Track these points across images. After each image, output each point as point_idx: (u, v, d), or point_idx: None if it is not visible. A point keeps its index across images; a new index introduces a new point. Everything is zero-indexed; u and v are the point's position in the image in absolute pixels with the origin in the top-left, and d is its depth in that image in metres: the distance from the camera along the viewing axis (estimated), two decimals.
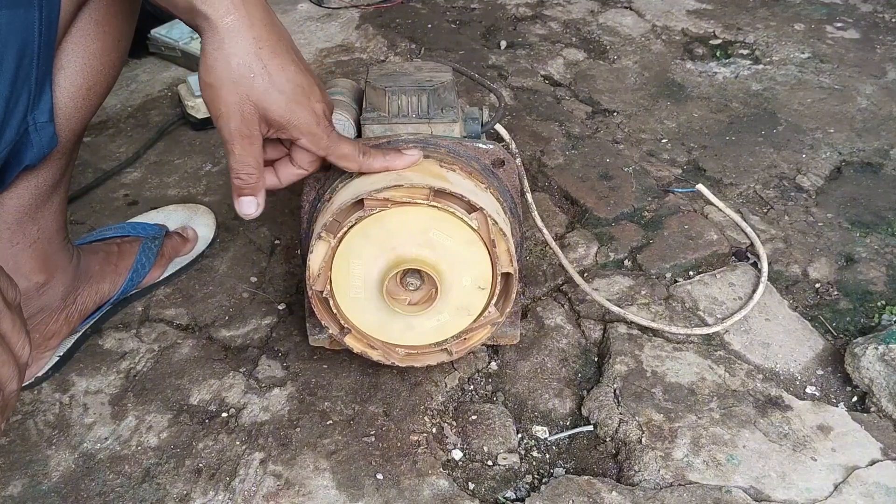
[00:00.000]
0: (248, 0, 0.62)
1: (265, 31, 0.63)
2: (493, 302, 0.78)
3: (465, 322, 0.79)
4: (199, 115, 1.30)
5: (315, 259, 0.74)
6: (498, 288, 0.77)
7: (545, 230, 0.95)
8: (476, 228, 0.73)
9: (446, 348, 0.80)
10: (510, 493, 0.78)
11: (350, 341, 0.79)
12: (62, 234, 0.85)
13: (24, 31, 0.64)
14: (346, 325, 0.78)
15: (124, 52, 0.81)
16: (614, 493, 0.76)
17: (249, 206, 0.70)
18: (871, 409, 0.85)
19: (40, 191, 0.79)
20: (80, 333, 0.92)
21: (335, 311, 0.77)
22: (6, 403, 0.47)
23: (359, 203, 0.72)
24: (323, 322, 0.78)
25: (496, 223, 0.72)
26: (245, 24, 0.62)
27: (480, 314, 0.79)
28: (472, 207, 0.73)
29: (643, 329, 0.94)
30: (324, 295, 0.76)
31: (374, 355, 0.80)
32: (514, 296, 0.78)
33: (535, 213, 0.95)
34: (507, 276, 0.77)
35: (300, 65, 0.66)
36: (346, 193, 0.74)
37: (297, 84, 0.66)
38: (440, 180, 0.73)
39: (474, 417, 0.85)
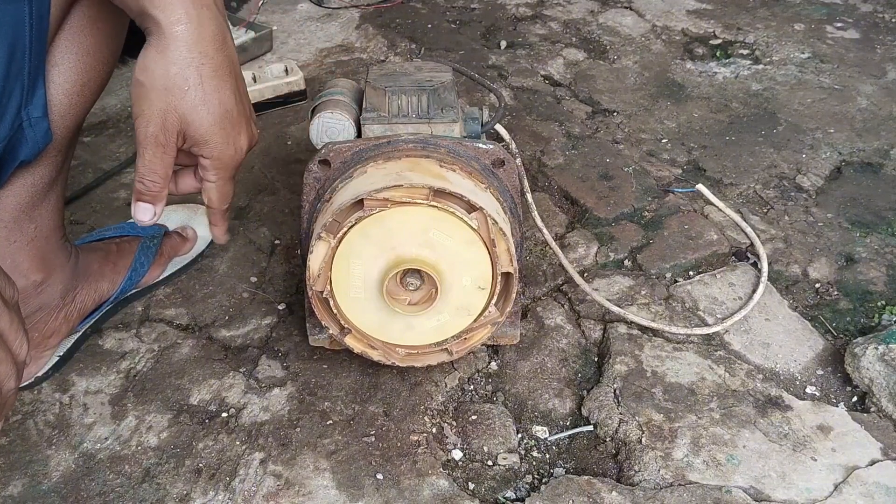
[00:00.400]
0: (204, 15, 0.61)
1: (213, 48, 0.62)
2: (494, 302, 0.78)
3: (465, 322, 0.79)
4: None
5: (315, 259, 0.74)
6: (498, 288, 0.77)
7: (545, 230, 0.95)
8: (476, 228, 0.73)
9: (447, 348, 0.80)
10: (510, 493, 0.78)
11: (350, 341, 0.79)
12: (60, 232, 0.85)
13: (15, 25, 0.64)
14: (346, 325, 0.78)
15: (118, 48, 0.81)
16: (614, 493, 0.76)
17: (146, 214, 0.68)
18: (871, 409, 0.85)
19: (37, 188, 0.79)
20: (80, 333, 0.91)
21: (335, 311, 0.77)
22: (5, 401, 0.47)
23: (359, 203, 0.72)
24: (323, 322, 0.78)
25: (496, 223, 0.72)
26: (194, 37, 0.61)
27: (480, 314, 0.79)
28: (471, 207, 0.73)
29: (643, 329, 0.94)
30: (324, 295, 0.76)
31: (375, 355, 0.80)
32: (514, 295, 0.78)
33: (535, 213, 0.95)
34: (507, 275, 0.77)
35: (238, 93, 0.66)
36: (345, 193, 0.74)
37: (228, 110, 0.65)
38: (440, 180, 0.73)
39: (474, 417, 0.85)
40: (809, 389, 0.89)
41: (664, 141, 1.30)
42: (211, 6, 0.62)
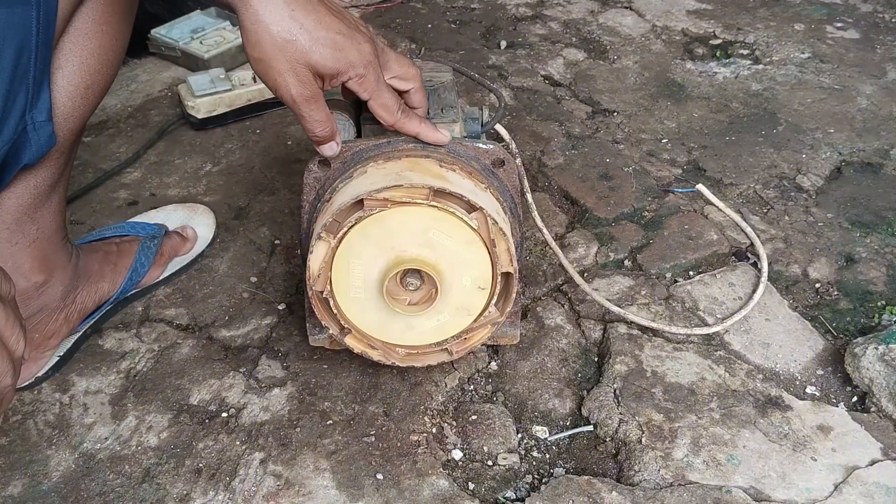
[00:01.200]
0: None
1: None
2: (493, 302, 0.78)
3: (465, 322, 0.79)
4: (199, 115, 1.30)
5: (315, 259, 0.74)
6: (498, 288, 0.76)
7: (545, 230, 0.95)
8: (476, 228, 0.73)
9: (447, 348, 0.80)
10: (510, 493, 0.78)
11: (350, 341, 0.79)
12: (61, 233, 0.85)
13: (22, 29, 0.64)
14: (346, 325, 0.78)
15: (122, 51, 0.81)
16: (614, 493, 0.76)
17: (331, 149, 0.75)
18: (871, 409, 0.85)
19: (39, 190, 0.79)
20: (80, 333, 0.91)
21: (335, 311, 0.77)
22: (2, 398, 0.47)
23: (359, 203, 0.72)
24: (323, 322, 0.78)
25: (496, 223, 0.72)
26: None
27: (480, 314, 0.79)
28: (472, 207, 0.73)
29: (643, 329, 0.94)
30: (324, 295, 0.76)
31: (375, 355, 0.80)
32: (514, 296, 0.78)
33: (535, 213, 0.95)
34: (507, 275, 0.77)
35: (335, 13, 0.67)
36: (345, 194, 0.74)
37: (337, 32, 0.66)
38: (440, 180, 0.73)
39: (474, 417, 0.85)
40: (809, 389, 0.89)
41: (664, 141, 1.30)
42: None
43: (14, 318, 0.48)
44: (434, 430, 0.84)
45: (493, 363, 0.91)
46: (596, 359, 0.93)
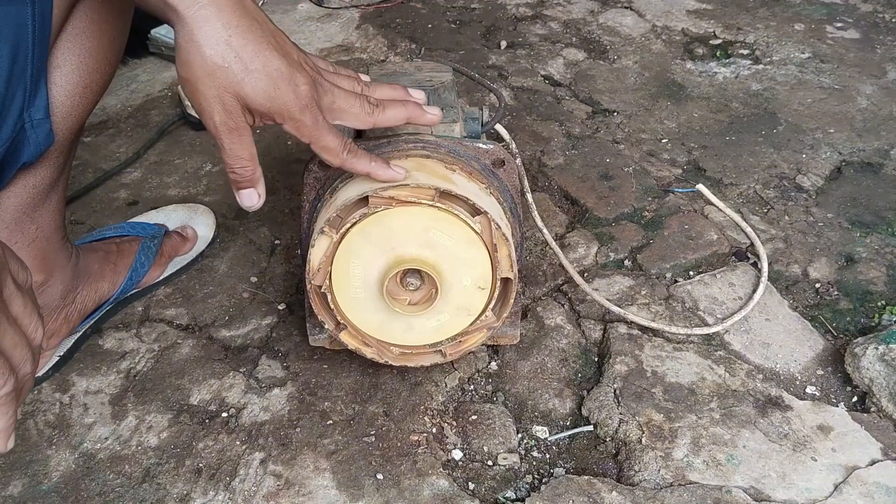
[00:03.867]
0: None
1: (235, 16, 0.61)
2: (491, 306, 0.78)
3: (465, 322, 0.79)
4: None
5: (316, 254, 0.74)
6: (497, 292, 0.76)
7: (545, 230, 0.95)
8: (479, 232, 0.73)
9: (440, 350, 0.80)
10: (510, 493, 0.78)
11: (345, 337, 0.79)
12: (61, 232, 0.85)
13: (17, 26, 0.64)
14: (341, 321, 0.78)
15: (120, 49, 0.80)
16: (614, 493, 0.76)
17: (251, 198, 0.68)
18: (871, 409, 0.85)
19: (38, 189, 0.79)
20: (80, 333, 0.91)
21: (332, 306, 0.77)
22: (21, 386, 0.46)
23: (363, 200, 0.72)
24: (320, 317, 0.78)
25: (499, 227, 0.72)
26: (213, 11, 0.60)
27: (479, 316, 0.79)
28: (475, 210, 0.73)
29: (643, 329, 0.94)
30: (322, 290, 0.76)
31: (369, 353, 0.80)
32: (511, 301, 0.78)
33: (536, 213, 0.95)
34: (506, 281, 0.77)
35: (278, 48, 0.64)
36: (350, 190, 0.74)
37: (276, 68, 0.62)
38: (446, 182, 0.73)
39: (474, 417, 0.85)
40: (809, 389, 0.89)
41: (664, 141, 1.30)
42: None
43: (32, 306, 0.48)
44: (434, 430, 0.84)
45: (493, 363, 0.91)
46: (596, 359, 0.93)
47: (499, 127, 0.91)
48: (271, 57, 0.62)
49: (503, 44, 1.60)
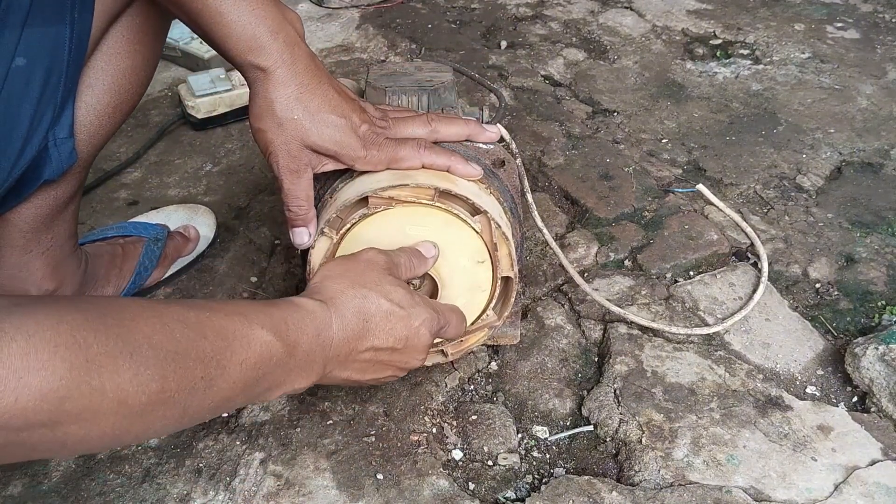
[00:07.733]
0: (296, 53, 0.67)
1: (307, 77, 0.67)
2: (492, 305, 0.78)
3: (465, 322, 0.79)
4: (199, 115, 1.30)
5: (316, 255, 0.74)
6: (497, 291, 0.76)
7: (545, 230, 0.95)
8: (479, 231, 0.73)
9: (442, 350, 0.80)
10: (510, 493, 0.78)
11: None
12: (73, 240, 0.85)
13: (54, 49, 0.64)
14: None
15: (152, 71, 0.80)
16: (614, 493, 0.76)
17: (301, 237, 0.73)
18: (872, 409, 0.85)
19: (58, 202, 0.78)
20: None
21: None
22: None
23: (362, 201, 0.72)
24: None
25: (499, 227, 0.72)
26: (290, 74, 0.66)
27: (479, 316, 0.78)
28: (475, 210, 0.73)
29: (643, 329, 0.94)
30: None
31: None
32: (512, 300, 0.78)
33: (536, 213, 0.95)
34: (507, 280, 0.77)
35: (336, 95, 0.69)
36: (350, 191, 0.74)
37: (339, 115, 0.69)
38: (446, 181, 0.73)
39: (474, 417, 0.85)
40: (809, 389, 0.89)
41: (664, 141, 1.30)
42: (300, 42, 0.68)
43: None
44: (434, 430, 0.84)
45: (494, 363, 0.91)
46: (596, 359, 0.93)
47: (499, 127, 0.91)
48: (334, 106, 0.69)
49: (503, 44, 1.61)
